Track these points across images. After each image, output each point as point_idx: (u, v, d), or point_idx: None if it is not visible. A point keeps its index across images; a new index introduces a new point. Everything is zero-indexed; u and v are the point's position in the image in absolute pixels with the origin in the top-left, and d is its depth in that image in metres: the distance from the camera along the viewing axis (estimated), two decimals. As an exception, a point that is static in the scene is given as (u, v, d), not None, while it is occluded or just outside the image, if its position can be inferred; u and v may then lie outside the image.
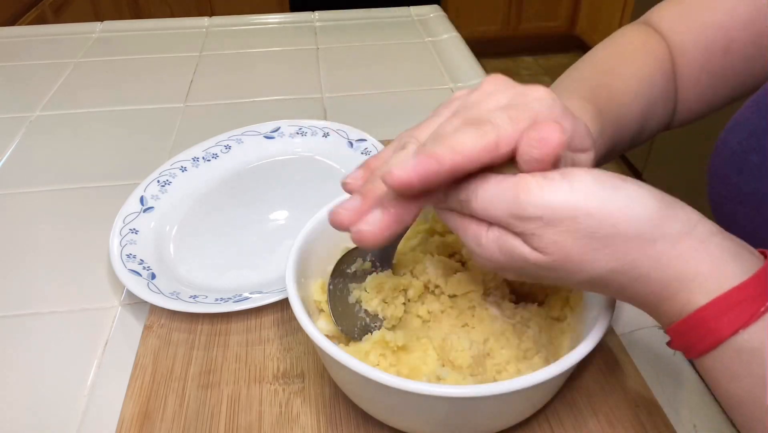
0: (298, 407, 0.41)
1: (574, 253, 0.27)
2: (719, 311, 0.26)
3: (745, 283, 0.25)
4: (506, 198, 0.27)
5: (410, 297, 0.42)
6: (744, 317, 0.25)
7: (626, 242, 0.26)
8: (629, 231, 0.26)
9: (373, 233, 0.30)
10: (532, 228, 0.27)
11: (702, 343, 0.26)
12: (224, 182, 0.63)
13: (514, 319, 0.40)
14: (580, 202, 0.26)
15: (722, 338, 0.26)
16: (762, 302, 0.25)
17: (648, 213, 0.26)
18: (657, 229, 0.26)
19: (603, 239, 0.26)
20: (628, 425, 0.39)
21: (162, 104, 0.80)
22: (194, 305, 0.46)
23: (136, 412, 0.40)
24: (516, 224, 0.27)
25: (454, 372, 0.37)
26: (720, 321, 0.25)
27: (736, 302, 0.25)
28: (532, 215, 0.26)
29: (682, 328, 0.27)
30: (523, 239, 0.27)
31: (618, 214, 0.26)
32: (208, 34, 1.01)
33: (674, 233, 0.26)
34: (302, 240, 0.41)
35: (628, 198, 0.26)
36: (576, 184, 0.26)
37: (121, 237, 0.53)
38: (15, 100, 0.81)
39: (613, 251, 0.26)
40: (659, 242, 0.26)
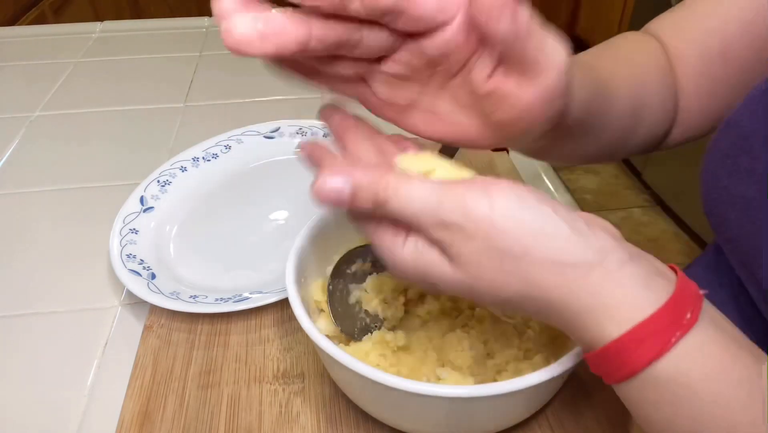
0: (298, 407, 0.41)
1: (487, 273, 0.26)
2: (632, 343, 0.25)
3: (656, 313, 0.25)
4: (429, 200, 0.26)
5: (410, 297, 0.42)
6: (656, 349, 0.25)
7: (537, 267, 0.26)
8: (540, 256, 0.26)
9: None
10: (452, 238, 0.26)
11: (617, 373, 0.26)
12: (224, 182, 0.63)
13: (514, 319, 0.40)
14: (498, 219, 0.25)
15: (637, 369, 0.25)
16: (673, 331, 0.25)
17: (560, 241, 0.26)
18: (567, 257, 0.26)
19: (514, 262, 0.26)
20: (628, 425, 0.39)
21: (162, 104, 0.80)
22: (194, 305, 0.46)
23: (136, 412, 0.40)
24: (435, 230, 0.26)
25: (454, 372, 0.37)
26: (633, 353, 0.25)
27: (648, 333, 0.25)
28: (454, 223, 0.26)
29: (597, 358, 0.27)
30: (441, 249, 0.27)
31: (532, 238, 0.26)
32: (208, 34, 1.01)
33: (584, 262, 0.26)
34: (302, 240, 0.41)
35: (543, 222, 0.26)
36: (497, 200, 0.26)
37: (121, 237, 0.53)
38: (15, 100, 0.81)
39: (523, 276, 0.26)
40: (569, 271, 0.26)
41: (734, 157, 0.36)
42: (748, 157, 0.35)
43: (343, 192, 0.28)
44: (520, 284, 0.26)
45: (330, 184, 0.28)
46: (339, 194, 0.28)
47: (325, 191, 0.28)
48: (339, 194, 0.28)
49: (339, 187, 0.28)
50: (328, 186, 0.28)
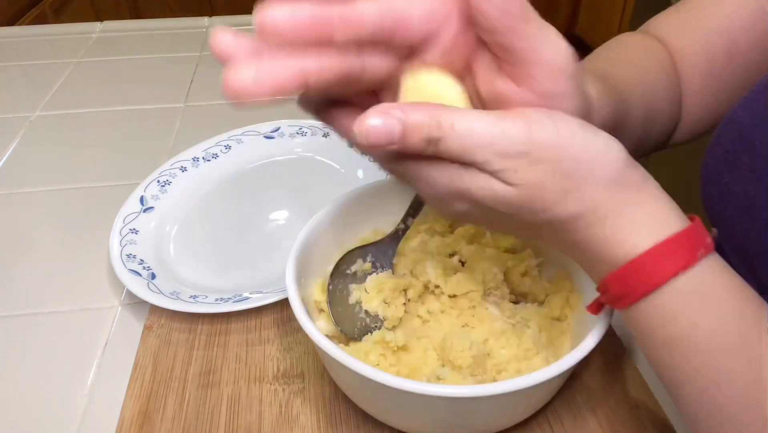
0: (298, 407, 0.41)
1: (547, 192, 0.27)
2: (661, 255, 0.27)
3: (684, 230, 0.27)
4: (492, 132, 0.26)
5: (410, 297, 0.42)
6: (683, 261, 0.27)
7: (597, 185, 0.27)
8: (602, 175, 0.27)
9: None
10: (516, 164, 0.26)
11: (641, 286, 0.27)
12: (224, 182, 0.63)
13: (514, 319, 0.40)
14: (565, 143, 0.26)
15: (662, 280, 0.27)
16: (697, 248, 0.27)
17: (619, 161, 0.27)
18: (624, 176, 0.27)
19: (577, 182, 0.27)
20: (628, 425, 0.39)
21: (162, 104, 0.80)
22: (194, 305, 0.46)
23: (136, 412, 0.40)
24: (497, 162, 0.26)
25: (454, 372, 0.37)
26: (661, 265, 0.27)
27: (676, 247, 0.27)
28: (521, 151, 0.26)
29: (624, 272, 0.28)
30: (497, 176, 0.27)
31: (595, 159, 0.27)
32: (208, 34, 1.01)
33: (636, 181, 0.28)
34: (302, 240, 0.41)
35: (604, 144, 0.27)
36: (561, 125, 0.27)
37: (121, 237, 0.53)
38: (15, 100, 0.81)
39: (582, 194, 0.27)
40: (624, 188, 0.27)
41: (735, 153, 0.37)
42: (749, 154, 0.35)
43: (393, 131, 0.26)
44: (576, 202, 0.27)
45: (378, 124, 0.26)
46: (389, 134, 0.26)
47: (374, 132, 0.26)
48: (389, 134, 0.26)
49: (388, 126, 0.26)
50: (376, 126, 0.26)
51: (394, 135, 0.26)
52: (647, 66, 0.44)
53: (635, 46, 0.46)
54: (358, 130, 0.26)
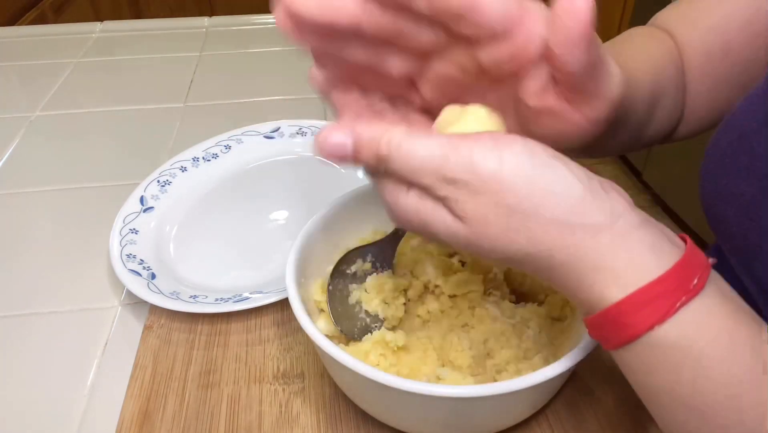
0: (298, 407, 0.41)
1: (492, 229, 0.26)
2: (635, 306, 0.25)
3: (661, 277, 0.25)
4: (434, 155, 0.26)
5: (410, 297, 0.42)
6: (659, 313, 0.24)
7: (545, 226, 0.25)
8: (549, 216, 0.25)
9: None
10: (457, 194, 0.26)
11: (617, 337, 0.26)
12: (224, 182, 0.63)
13: (514, 319, 0.40)
14: (508, 176, 0.25)
15: (638, 333, 0.25)
16: (678, 296, 0.25)
17: (572, 200, 0.25)
18: (578, 217, 0.25)
19: (522, 220, 0.25)
20: (628, 425, 0.39)
21: (162, 104, 0.80)
22: (194, 305, 0.46)
23: (136, 412, 0.40)
24: (440, 187, 0.26)
25: (454, 372, 0.37)
26: (635, 316, 0.25)
27: (651, 297, 0.25)
28: (459, 179, 0.25)
29: (597, 321, 0.26)
30: (444, 204, 0.26)
31: (542, 196, 0.25)
32: (208, 34, 1.01)
33: (595, 223, 0.25)
34: (302, 240, 0.41)
35: (555, 180, 0.25)
36: (507, 156, 0.25)
37: (121, 237, 0.53)
38: (15, 100, 0.81)
39: (532, 234, 0.25)
40: (578, 232, 0.25)
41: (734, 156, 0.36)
42: (748, 156, 0.35)
43: (345, 147, 0.28)
44: (526, 242, 0.26)
45: (332, 139, 0.28)
46: (342, 149, 0.28)
47: (328, 146, 0.28)
48: (342, 149, 0.28)
49: (341, 142, 0.28)
50: (330, 141, 0.28)
51: (346, 149, 0.28)
52: (656, 55, 0.43)
53: (645, 38, 0.46)
54: (316, 142, 0.28)
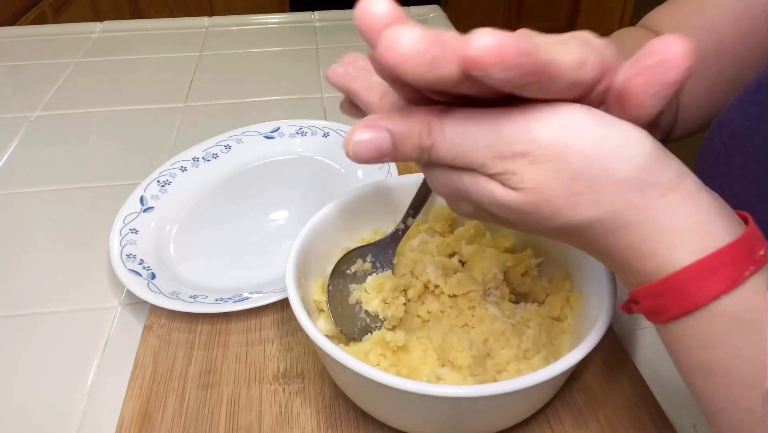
0: (298, 407, 0.41)
1: (555, 195, 0.24)
2: (702, 273, 0.23)
3: (731, 245, 0.23)
4: (485, 133, 0.23)
5: (410, 297, 0.42)
6: (727, 282, 0.23)
7: (614, 187, 0.23)
8: (620, 175, 0.23)
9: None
10: (514, 167, 0.23)
11: (678, 307, 0.24)
12: (224, 182, 0.63)
13: (514, 319, 0.40)
14: (573, 140, 0.23)
15: (703, 302, 0.23)
16: (746, 265, 0.23)
17: (642, 157, 0.23)
18: (648, 176, 0.23)
19: (590, 183, 0.23)
20: (628, 425, 0.39)
21: (162, 104, 0.80)
22: (194, 305, 0.46)
23: (136, 412, 0.40)
24: (494, 165, 0.24)
25: (454, 372, 0.37)
26: (702, 284, 0.23)
27: (720, 264, 0.23)
28: (518, 152, 0.23)
29: (657, 289, 0.25)
30: (497, 179, 0.24)
31: (611, 156, 0.23)
32: (208, 34, 1.01)
33: (665, 182, 0.24)
34: (302, 240, 0.41)
35: (623, 138, 0.23)
36: (567, 119, 0.23)
37: (121, 237, 0.53)
38: (15, 100, 0.81)
39: (597, 196, 0.24)
40: (648, 191, 0.23)
41: (727, 156, 0.36)
42: (742, 156, 0.35)
43: (382, 144, 0.24)
44: (591, 207, 0.24)
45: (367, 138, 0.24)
46: (379, 148, 0.24)
47: (363, 147, 0.24)
48: (379, 148, 0.24)
49: (377, 141, 0.24)
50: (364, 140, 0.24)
51: (384, 148, 0.24)
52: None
53: (634, 41, 0.46)
54: (346, 148, 0.25)
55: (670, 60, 0.23)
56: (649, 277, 0.25)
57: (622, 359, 0.43)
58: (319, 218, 0.42)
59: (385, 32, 0.21)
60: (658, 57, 0.23)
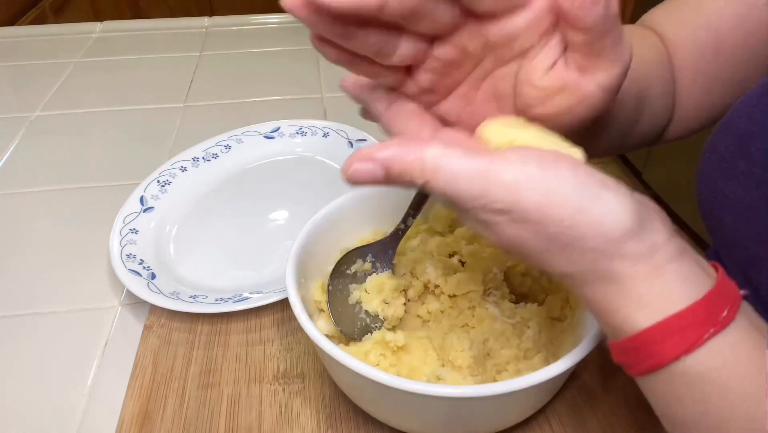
0: (298, 407, 0.41)
1: (532, 250, 0.26)
2: (662, 334, 0.25)
3: (691, 307, 0.24)
4: (477, 186, 0.25)
5: (410, 297, 0.42)
6: (688, 342, 0.24)
7: (585, 253, 0.25)
8: (591, 245, 0.25)
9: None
10: (497, 219, 0.25)
11: (642, 364, 0.26)
12: (224, 182, 0.63)
13: (514, 319, 0.40)
14: (554, 209, 0.24)
15: (664, 362, 0.25)
16: (706, 328, 0.24)
17: (617, 234, 0.25)
18: (620, 249, 0.25)
19: (564, 246, 0.25)
20: (628, 425, 0.39)
21: (162, 104, 0.80)
22: (194, 305, 0.46)
23: (136, 412, 0.40)
24: (479, 214, 0.26)
25: (454, 372, 0.37)
26: (663, 345, 0.25)
27: (680, 326, 0.24)
28: (501, 209, 0.25)
29: (623, 346, 0.26)
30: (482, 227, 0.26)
31: (587, 227, 0.25)
32: (208, 34, 1.01)
33: (635, 254, 0.25)
34: (302, 240, 0.41)
35: (604, 212, 0.25)
36: (553, 185, 0.25)
37: (121, 237, 0.53)
38: (15, 100, 0.81)
39: (569, 257, 0.25)
40: (616, 261, 0.25)
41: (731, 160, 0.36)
42: (745, 160, 0.35)
43: (377, 176, 0.26)
44: (564, 263, 0.26)
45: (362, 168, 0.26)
46: (374, 178, 0.26)
47: (358, 177, 0.26)
48: (374, 178, 0.26)
49: (372, 173, 0.26)
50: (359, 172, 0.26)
51: (378, 178, 0.26)
52: (643, 56, 0.43)
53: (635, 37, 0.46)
54: (344, 172, 0.27)
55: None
56: (617, 333, 0.26)
57: (622, 359, 0.43)
58: (319, 217, 0.42)
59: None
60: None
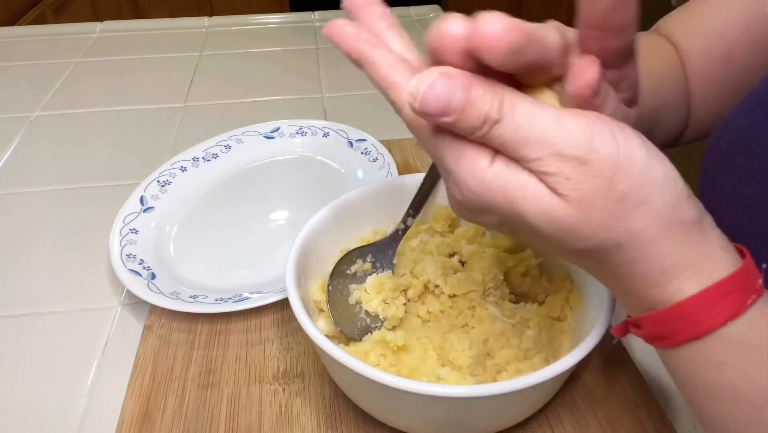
0: (298, 407, 0.41)
1: (597, 214, 0.24)
2: (711, 300, 0.25)
3: (734, 274, 0.25)
4: (553, 128, 0.23)
5: (410, 297, 0.42)
6: (733, 309, 0.25)
7: (648, 217, 0.24)
8: (655, 207, 0.24)
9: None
10: (570, 171, 0.23)
11: (687, 332, 0.26)
12: (224, 182, 0.63)
13: (514, 319, 0.40)
14: (625, 161, 0.23)
15: (712, 328, 0.25)
16: (749, 293, 0.25)
17: (676, 195, 0.25)
18: (677, 213, 0.25)
19: (630, 208, 0.24)
20: (628, 425, 0.39)
21: (162, 104, 0.80)
22: (194, 305, 0.46)
23: (136, 412, 0.40)
24: (551, 162, 0.23)
25: (454, 372, 0.37)
26: (711, 311, 0.25)
27: (726, 292, 0.25)
28: (578, 156, 0.23)
29: (665, 316, 0.26)
30: (545, 181, 0.24)
31: (652, 186, 0.24)
32: (208, 34, 1.01)
33: (689, 220, 0.25)
34: (302, 240, 0.41)
35: (665, 172, 0.25)
36: (624, 141, 0.24)
37: (121, 237, 0.53)
38: (15, 100, 0.81)
39: (630, 224, 0.24)
40: (675, 227, 0.25)
41: (732, 156, 0.37)
42: (746, 156, 0.35)
43: (453, 98, 0.23)
44: (622, 232, 0.24)
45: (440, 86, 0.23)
46: (447, 102, 0.23)
47: (432, 95, 0.23)
48: (447, 102, 0.23)
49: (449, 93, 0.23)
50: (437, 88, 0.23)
51: (452, 103, 0.23)
52: (657, 68, 0.44)
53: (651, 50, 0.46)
54: (414, 90, 0.23)
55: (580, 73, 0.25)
56: (656, 305, 0.26)
57: (622, 359, 0.43)
58: (319, 217, 0.42)
59: (478, 20, 0.22)
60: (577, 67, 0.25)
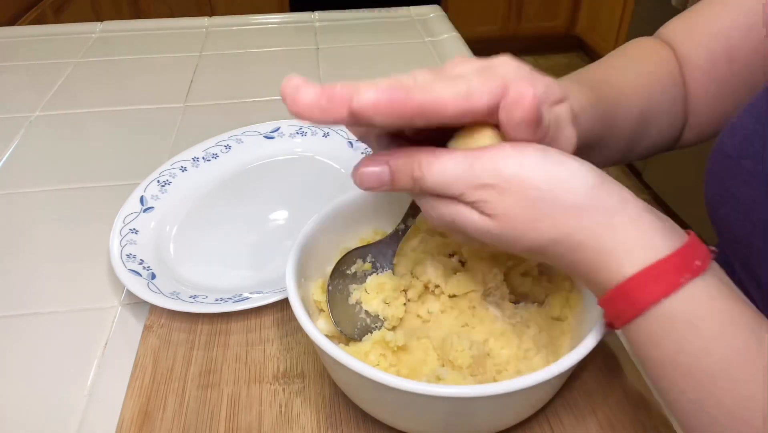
0: (298, 407, 0.41)
1: (519, 221, 0.29)
2: (644, 281, 0.27)
3: (668, 256, 0.27)
4: (461, 167, 0.29)
5: (410, 297, 0.42)
6: (666, 287, 0.27)
7: (565, 212, 0.28)
8: (568, 202, 0.28)
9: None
10: (486, 195, 0.29)
11: (628, 311, 0.28)
12: (224, 182, 0.63)
13: (514, 319, 0.40)
14: (528, 174, 0.28)
15: (646, 305, 0.28)
16: (682, 273, 0.27)
17: (587, 187, 0.28)
18: (594, 201, 0.28)
19: (545, 210, 0.28)
20: (628, 425, 0.39)
21: (162, 104, 0.80)
22: (194, 305, 0.46)
23: (136, 412, 0.40)
24: (470, 194, 0.29)
25: (454, 372, 0.37)
26: (645, 290, 0.28)
27: (659, 273, 0.27)
28: (487, 183, 0.29)
29: (611, 297, 0.29)
30: (473, 207, 0.30)
31: (560, 186, 0.28)
32: (208, 34, 1.01)
33: (609, 206, 0.28)
34: (302, 240, 0.41)
35: (569, 172, 0.29)
36: (524, 158, 0.29)
37: (121, 237, 0.53)
38: (15, 100, 0.81)
39: (553, 221, 0.29)
40: (594, 214, 0.28)
41: (738, 159, 0.37)
42: (752, 159, 0.35)
43: (382, 175, 0.31)
44: (549, 229, 0.29)
45: (369, 171, 0.31)
46: (379, 178, 0.31)
47: (366, 177, 0.31)
48: (379, 178, 0.31)
49: (378, 172, 0.31)
50: (368, 173, 0.31)
51: (383, 178, 0.31)
52: (651, 71, 0.45)
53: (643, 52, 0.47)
54: (354, 177, 0.32)
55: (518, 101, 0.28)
56: (606, 287, 0.29)
57: (622, 359, 0.43)
58: (319, 217, 0.42)
59: (290, 92, 0.27)
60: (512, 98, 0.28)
